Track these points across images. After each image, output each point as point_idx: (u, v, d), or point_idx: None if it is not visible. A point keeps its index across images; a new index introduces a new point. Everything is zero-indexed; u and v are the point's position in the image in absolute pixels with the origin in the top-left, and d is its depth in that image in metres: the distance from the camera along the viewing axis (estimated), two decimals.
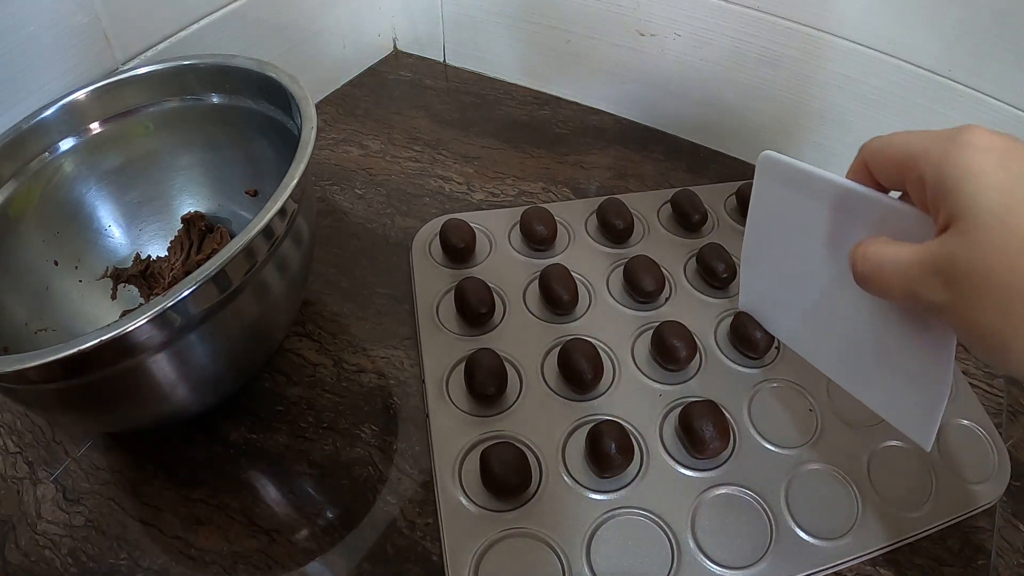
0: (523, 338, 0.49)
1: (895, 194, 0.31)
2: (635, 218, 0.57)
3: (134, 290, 0.51)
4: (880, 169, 0.29)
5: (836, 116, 0.60)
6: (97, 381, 0.34)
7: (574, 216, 0.58)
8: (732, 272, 0.52)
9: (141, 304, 0.50)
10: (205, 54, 0.49)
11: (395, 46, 0.81)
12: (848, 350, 0.34)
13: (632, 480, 0.42)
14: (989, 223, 0.24)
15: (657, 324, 0.49)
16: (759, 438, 0.44)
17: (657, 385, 0.47)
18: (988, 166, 0.25)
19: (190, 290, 0.32)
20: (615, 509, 0.41)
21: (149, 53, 0.54)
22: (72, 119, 0.47)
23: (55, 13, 0.47)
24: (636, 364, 0.48)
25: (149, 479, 0.43)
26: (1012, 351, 0.24)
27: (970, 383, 0.49)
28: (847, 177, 0.31)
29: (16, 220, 0.45)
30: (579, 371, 0.45)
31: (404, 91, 0.76)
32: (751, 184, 0.60)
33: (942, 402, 0.30)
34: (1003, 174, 0.25)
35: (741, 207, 0.59)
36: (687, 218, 0.57)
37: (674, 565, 0.39)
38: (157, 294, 0.50)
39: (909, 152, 0.28)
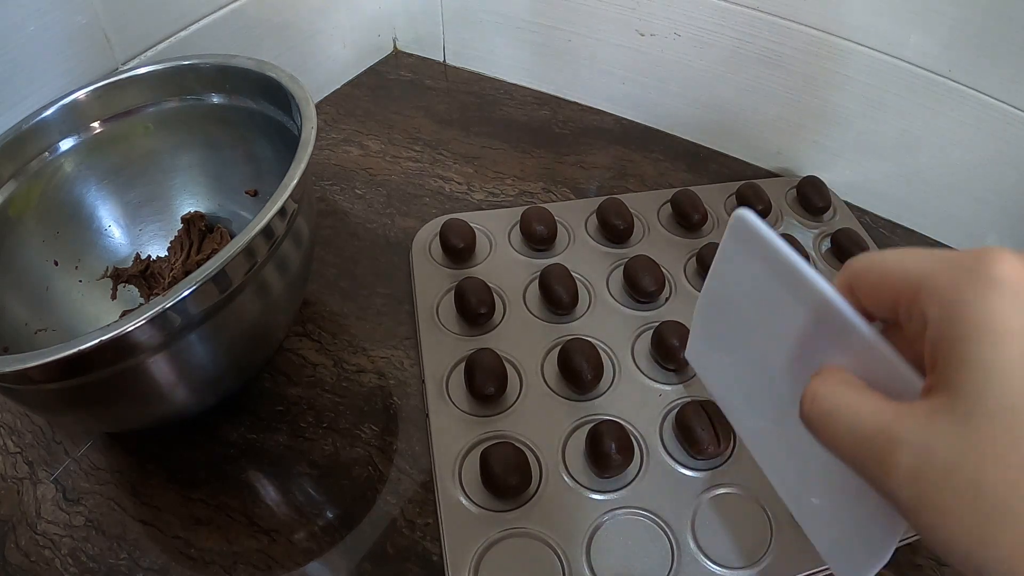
0: (523, 338, 0.49)
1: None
2: (635, 218, 0.57)
3: (134, 290, 0.51)
4: (868, 293, 0.22)
5: (836, 116, 0.60)
6: (97, 381, 0.34)
7: (574, 216, 0.58)
8: None
9: (141, 304, 0.50)
10: (205, 54, 0.49)
11: (395, 46, 0.81)
12: (791, 463, 0.29)
13: (632, 480, 0.42)
14: (1002, 415, 0.17)
15: (657, 324, 0.49)
16: None
17: (657, 385, 0.47)
18: (1020, 323, 0.17)
19: (190, 290, 0.32)
20: (615, 509, 0.41)
21: (149, 53, 0.54)
22: (72, 119, 0.47)
23: (55, 13, 0.47)
24: (636, 364, 0.48)
25: (149, 479, 0.43)
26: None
27: None
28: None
29: (16, 220, 0.45)
30: (579, 371, 0.45)
31: (404, 91, 0.76)
32: (751, 184, 0.61)
33: (884, 556, 0.25)
34: None
35: (741, 207, 0.59)
36: (687, 218, 0.57)
37: (674, 565, 0.39)
38: (157, 294, 0.50)
39: (908, 276, 0.20)
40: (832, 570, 0.28)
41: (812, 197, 0.59)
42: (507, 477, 0.40)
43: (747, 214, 0.26)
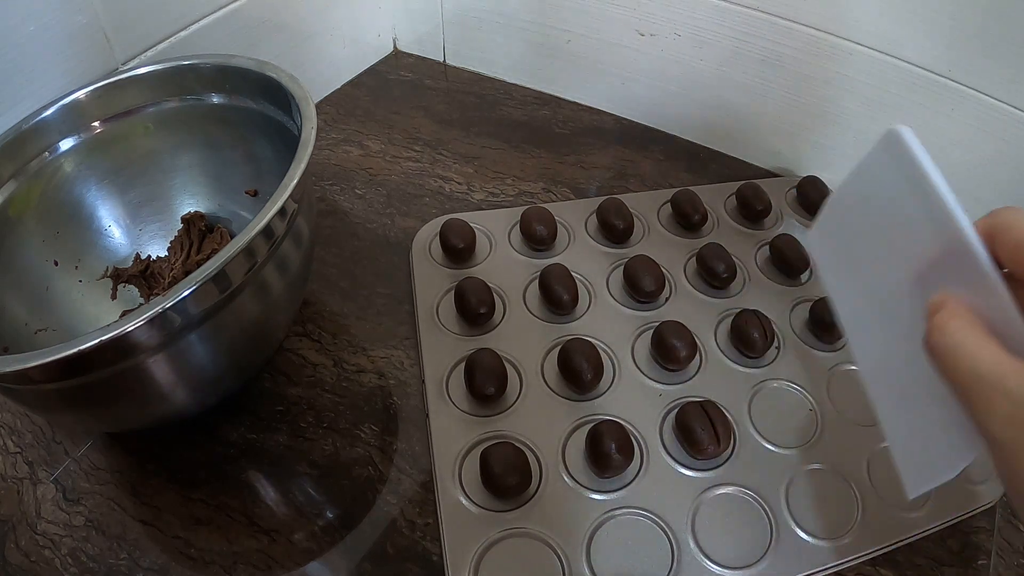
0: (523, 338, 0.49)
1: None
2: (635, 218, 0.57)
3: (134, 290, 0.51)
4: (1007, 248, 0.24)
5: (836, 116, 0.60)
6: (97, 381, 0.34)
7: (574, 216, 0.58)
8: (732, 272, 0.52)
9: (141, 304, 0.50)
10: (205, 54, 0.49)
11: (395, 46, 0.81)
12: (891, 370, 0.30)
13: (632, 480, 0.42)
14: None
15: (657, 324, 0.49)
16: (759, 438, 0.44)
17: (657, 385, 0.47)
18: None
19: (190, 290, 0.32)
20: (615, 509, 0.41)
21: (149, 53, 0.54)
22: (72, 119, 0.47)
23: (55, 13, 0.47)
24: (636, 364, 0.48)
25: (149, 479, 0.43)
26: None
27: None
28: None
29: (16, 220, 0.45)
30: (579, 371, 0.45)
31: (404, 91, 0.76)
32: (751, 184, 0.61)
33: (949, 474, 0.27)
34: None
35: (741, 207, 0.59)
36: (687, 218, 0.57)
37: (674, 565, 0.39)
38: (157, 294, 0.50)
39: None
40: (901, 475, 0.29)
41: (812, 197, 0.59)
42: (507, 477, 0.40)
43: (906, 131, 0.27)
